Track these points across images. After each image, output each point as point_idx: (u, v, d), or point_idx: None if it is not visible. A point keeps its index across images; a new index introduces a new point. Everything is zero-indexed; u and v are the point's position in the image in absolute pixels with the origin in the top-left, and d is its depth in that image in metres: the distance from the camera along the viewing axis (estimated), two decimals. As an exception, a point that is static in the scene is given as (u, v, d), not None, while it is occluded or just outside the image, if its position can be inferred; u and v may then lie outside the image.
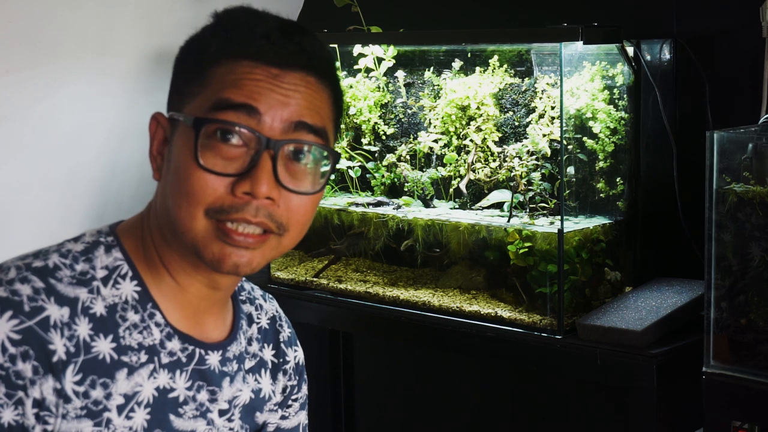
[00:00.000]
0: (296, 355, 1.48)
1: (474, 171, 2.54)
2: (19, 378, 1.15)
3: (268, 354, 1.43)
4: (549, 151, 2.39)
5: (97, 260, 1.24)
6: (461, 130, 2.55)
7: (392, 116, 2.71)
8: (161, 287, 1.27)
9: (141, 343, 1.23)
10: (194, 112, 1.22)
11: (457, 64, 2.56)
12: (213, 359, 1.31)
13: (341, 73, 2.74)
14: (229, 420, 1.34)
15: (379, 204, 2.65)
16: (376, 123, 2.72)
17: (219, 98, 1.21)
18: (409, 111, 2.68)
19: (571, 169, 2.34)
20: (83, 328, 1.19)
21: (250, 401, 1.38)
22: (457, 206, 2.59)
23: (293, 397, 1.47)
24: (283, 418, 1.46)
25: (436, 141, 2.59)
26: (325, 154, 1.26)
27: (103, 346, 1.20)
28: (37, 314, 1.16)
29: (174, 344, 1.26)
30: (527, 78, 2.47)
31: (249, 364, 1.38)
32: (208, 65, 1.23)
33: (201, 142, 1.20)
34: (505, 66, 2.50)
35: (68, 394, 1.17)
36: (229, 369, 1.34)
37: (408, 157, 2.66)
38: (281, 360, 1.45)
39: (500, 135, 2.51)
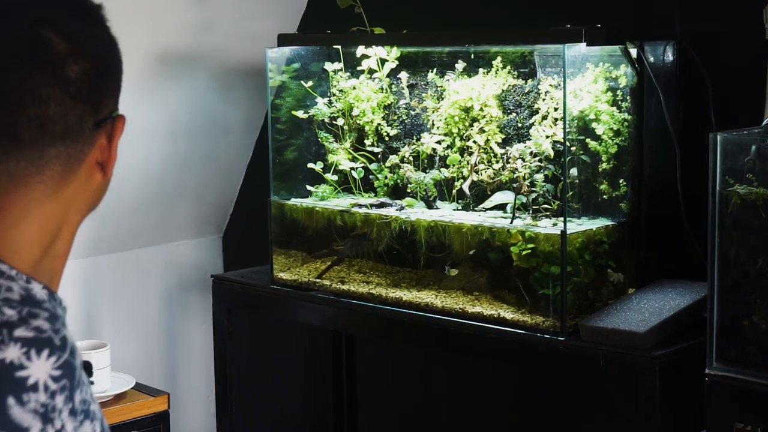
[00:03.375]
0: None
1: (477, 172, 2.54)
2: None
3: None
4: (552, 153, 2.39)
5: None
6: (464, 132, 2.55)
7: (395, 117, 2.71)
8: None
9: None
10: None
11: (460, 65, 2.56)
12: None
13: (345, 74, 2.74)
14: None
15: (382, 205, 2.65)
16: (379, 124, 2.72)
17: None
18: (412, 112, 2.68)
19: (574, 171, 2.33)
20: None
21: None
22: (460, 207, 2.58)
23: None
24: None
25: (439, 142, 2.59)
26: None
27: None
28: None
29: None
30: (530, 79, 2.47)
31: None
32: None
33: None
34: (509, 67, 2.50)
35: None
36: None
37: (411, 158, 2.66)
38: None
39: (503, 136, 2.50)
